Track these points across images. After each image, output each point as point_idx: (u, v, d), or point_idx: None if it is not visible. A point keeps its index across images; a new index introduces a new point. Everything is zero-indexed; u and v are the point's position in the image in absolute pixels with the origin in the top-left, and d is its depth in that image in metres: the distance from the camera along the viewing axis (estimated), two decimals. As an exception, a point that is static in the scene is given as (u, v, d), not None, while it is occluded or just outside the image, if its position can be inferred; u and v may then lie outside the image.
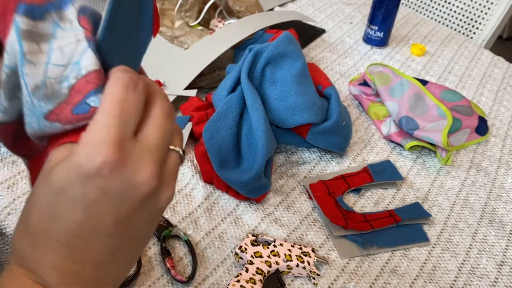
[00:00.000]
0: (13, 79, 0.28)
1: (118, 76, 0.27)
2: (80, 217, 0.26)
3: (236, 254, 0.57)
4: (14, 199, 0.62)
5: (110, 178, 0.26)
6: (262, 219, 0.63)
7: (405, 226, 0.64)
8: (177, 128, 0.31)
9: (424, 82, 0.85)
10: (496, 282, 0.59)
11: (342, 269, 0.58)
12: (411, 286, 0.57)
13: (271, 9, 1.12)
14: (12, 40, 0.27)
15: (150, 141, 0.27)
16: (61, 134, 0.29)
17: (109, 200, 0.26)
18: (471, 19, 1.26)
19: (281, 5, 1.15)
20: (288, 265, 0.56)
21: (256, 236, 0.58)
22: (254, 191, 0.63)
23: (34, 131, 0.29)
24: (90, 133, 0.26)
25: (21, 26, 0.27)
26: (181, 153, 0.30)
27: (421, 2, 1.35)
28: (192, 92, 0.79)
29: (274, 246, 0.57)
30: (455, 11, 1.29)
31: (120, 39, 0.30)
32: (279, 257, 0.56)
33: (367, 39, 1.03)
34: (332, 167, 0.72)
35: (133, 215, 0.27)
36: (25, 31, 0.27)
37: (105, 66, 0.29)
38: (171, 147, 0.29)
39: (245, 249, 0.56)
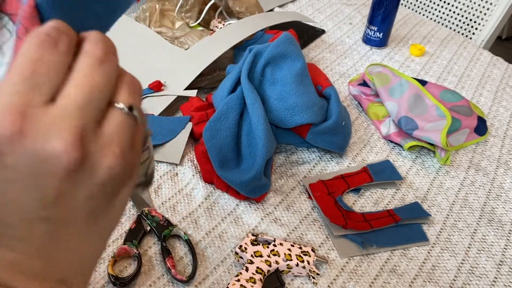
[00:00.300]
0: None
1: (35, 32, 0.23)
2: None
3: (236, 253, 0.57)
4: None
5: (12, 154, 0.21)
6: (262, 219, 0.63)
7: (404, 226, 0.64)
8: (124, 77, 0.25)
9: (423, 83, 0.85)
10: (495, 281, 0.59)
11: (342, 269, 0.58)
12: (410, 286, 0.58)
13: (271, 10, 1.12)
14: None
15: (68, 101, 0.22)
16: None
17: (21, 179, 0.22)
18: (470, 20, 1.26)
19: (281, 6, 1.15)
20: (288, 265, 0.56)
21: (256, 235, 0.59)
22: (254, 191, 0.64)
23: None
24: None
25: None
26: (127, 109, 0.24)
27: (420, 2, 1.35)
28: (192, 93, 0.79)
29: (274, 245, 0.58)
30: (454, 12, 1.29)
31: None
32: (279, 256, 0.56)
33: (367, 40, 1.03)
34: (331, 167, 0.73)
35: (62, 193, 0.23)
36: None
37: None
38: (115, 104, 0.24)
39: (245, 248, 0.57)
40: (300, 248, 0.58)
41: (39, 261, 0.24)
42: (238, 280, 0.53)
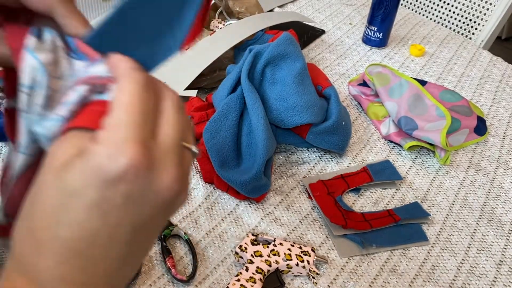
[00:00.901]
0: (32, 96, 0.27)
1: (132, 72, 0.26)
2: (97, 225, 0.23)
3: (236, 253, 0.57)
4: (16, 199, 0.62)
5: (134, 183, 0.23)
6: (262, 219, 0.63)
7: (404, 226, 0.64)
8: (189, 123, 0.28)
9: (423, 83, 0.85)
10: (495, 281, 0.59)
11: (342, 268, 0.59)
12: (410, 285, 0.58)
13: (271, 10, 1.13)
14: (27, 59, 0.27)
15: (168, 140, 0.25)
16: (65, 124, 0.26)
17: (131, 206, 0.24)
18: (470, 20, 1.26)
19: (281, 6, 1.15)
20: (288, 264, 0.56)
21: (256, 235, 0.59)
22: (254, 191, 0.64)
23: (46, 138, 0.27)
24: (110, 131, 0.23)
25: (32, 43, 0.27)
26: (195, 150, 0.27)
27: (420, 3, 1.35)
28: (193, 93, 0.79)
29: (274, 245, 0.58)
30: (454, 12, 1.29)
31: (128, 34, 0.28)
32: (279, 256, 0.56)
33: (367, 40, 1.03)
34: (331, 167, 0.73)
35: (151, 221, 0.25)
36: (35, 46, 0.27)
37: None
38: (185, 144, 0.26)
39: (245, 248, 0.57)
40: (300, 248, 0.58)
41: (101, 282, 0.25)
42: (238, 280, 0.53)
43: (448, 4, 1.30)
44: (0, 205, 0.30)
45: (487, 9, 1.23)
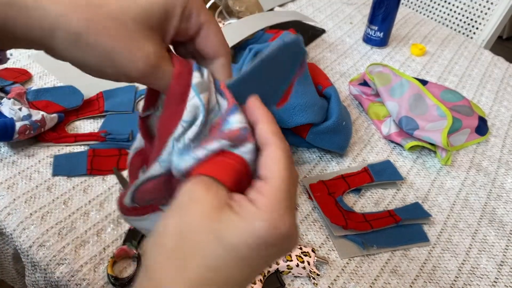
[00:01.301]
0: (187, 130, 0.31)
1: (278, 141, 0.29)
2: (244, 277, 0.27)
3: None
4: (14, 199, 0.62)
5: (282, 246, 0.27)
6: (262, 219, 0.63)
7: (405, 226, 0.64)
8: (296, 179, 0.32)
9: (424, 82, 0.85)
10: (496, 282, 0.59)
11: (342, 269, 0.58)
12: (411, 286, 0.57)
13: (271, 9, 1.12)
14: (191, 97, 0.31)
15: (295, 204, 0.30)
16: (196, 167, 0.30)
17: (270, 261, 0.28)
18: (471, 19, 1.26)
19: (281, 5, 1.15)
20: (288, 265, 0.56)
21: None
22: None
23: (178, 170, 0.31)
24: (272, 200, 0.27)
25: (196, 80, 0.31)
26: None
27: (421, 2, 1.35)
28: (192, 92, 0.79)
29: None
30: (455, 11, 1.29)
31: (253, 90, 0.33)
32: None
33: (367, 39, 1.03)
34: (332, 167, 0.72)
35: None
36: (199, 84, 0.31)
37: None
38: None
39: None
40: (300, 248, 0.57)
41: None
42: None
43: (449, 3, 1.29)
44: (131, 190, 0.33)
45: (488, 9, 1.22)
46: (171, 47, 0.34)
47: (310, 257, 0.57)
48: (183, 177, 0.30)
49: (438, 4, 1.31)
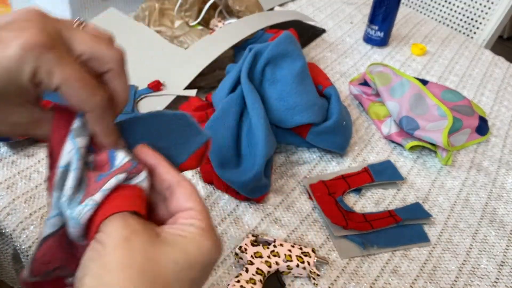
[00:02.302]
0: (65, 176, 0.31)
1: (185, 181, 0.33)
2: None
3: (236, 254, 0.57)
4: (14, 199, 0.62)
5: (216, 261, 0.32)
6: (262, 219, 0.63)
7: (405, 226, 0.64)
8: None
9: (424, 82, 0.85)
10: (496, 282, 0.59)
11: (342, 270, 0.58)
12: (411, 287, 0.57)
13: (271, 9, 1.12)
14: (68, 142, 0.32)
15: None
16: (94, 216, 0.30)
17: (205, 275, 0.32)
18: (472, 19, 1.25)
19: (281, 5, 1.14)
20: (288, 266, 0.56)
21: (256, 236, 0.58)
22: (254, 191, 0.63)
23: (74, 227, 0.30)
24: (209, 224, 0.32)
25: (76, 125, 0.32)
26: None
27: (422, 1, 1.35)
28: (192, 92, 0.79)
29: (274, 246, 0.57)
30: (455, 11, 1.28)
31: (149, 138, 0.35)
32: (279, 257, 0.56)
33: (368, 39, 1.03)
34: (332, 167, 0.72)
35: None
36: (77, 128, 0.32)
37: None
38: None
39: (245, 249, 0.56)
40: (301, 249, 0.57)
41: None
42: (238, 281, 0.53)
43: (449, 3, 1.29)
44: (27, 266, 0.32)
45: (489, 8, 1.22)
46: None
47: (310, 257, 0.56)
48: (83, 230, 0.30)
49: (439, 4, 1.31)
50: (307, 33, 1.04)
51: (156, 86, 0.79)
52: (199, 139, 0.37)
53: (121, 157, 0.32)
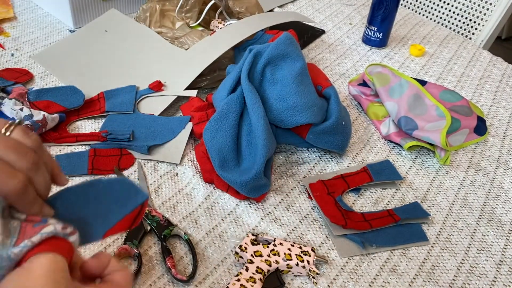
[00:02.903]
0: None
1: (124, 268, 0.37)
2: None
3: (236, 253, 0.57)
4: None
5: None
6: (262, 219, 0.64)
7: (404, 226, 0.64)
8: None
9: (423, 83, 0.85)
10: (494, 281, 0.59)
11: (342, 268, 0.59)
12: (410, 285, 0.58)
13: (271, 10, 1.13)
14: None
15: None
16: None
17: None
18: (470, 20, 1.26)
19: (281, 6, 1.15)
20: (287, 264, 0.56)
21: (256, 235, 0.59)
22: (254, 191, 0.64)
23: (5, 266, 0.32)
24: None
25: None
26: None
27: (420, 3, 1.36)
28: (193, 93, 0.79)
29: (274, 245, 0.58)
30: (454, 12, 1.29)
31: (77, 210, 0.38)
32: (279, 256, 0.56)
33: (367, 40, 1.03)
34: (331, 167, 0.73)
35: None
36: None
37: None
38: None
39: (245, 248, 0.57)
40: (300, 248, 0.58)
41: None
42: (238, 280, 0.53)
43: (448, 4, 1.30)
44: None
45: (487, 9, 1.23)
46: None
47: (309, 256, 0.57)
48: (13, 267, 0.32)
49: (437, 5, 1.32)
50: (306, 34, 1.05)
51: (157, 87, 0.80)
52: (135, 201, 0.38)
53: (53, 221, 0.34)
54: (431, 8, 1.33)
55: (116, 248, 0.57)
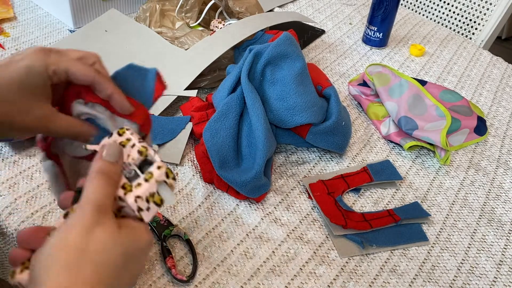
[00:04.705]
0: None
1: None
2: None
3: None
4: (16, 199, 0.62)
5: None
6: (262, 219, 0.63)
7: (404, 226, 0.64)
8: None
9: (423, 83, 0.85)
10: (495, 281, 0.59)
11: (342, 268, 0.59)
12: (410, 285, 0.58)
13: (271, 10, 1.13)
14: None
15: None
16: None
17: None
18: (470, 20, 1.26)
19: (281, 6, 1.15)
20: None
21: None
22: (254, 191, 0.64)
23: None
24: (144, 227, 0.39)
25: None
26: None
27: (420, 2, 1.35)
28: (193, 93, 0.79)
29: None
30: (454, 12, 1.29)
31: (125, 87, 0.44)
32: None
33: (367, 40, 1.03)
34: (331, 167, 0.73)
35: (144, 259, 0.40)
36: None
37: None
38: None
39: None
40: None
41: None
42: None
43: (448, 4, 1.30)
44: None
45: (487, 9, 1.23)
46: None
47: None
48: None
49: (437, 5, 1.32)
50: (306, 34, 1.05)
51: (156, 87, 0.80)
52: (151, 74, 0.45)
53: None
54: (431, 8, 1.33)
55: (116, 248, 0.56)
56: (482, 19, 1.24)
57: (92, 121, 0.45)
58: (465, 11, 1.27)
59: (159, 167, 0.39)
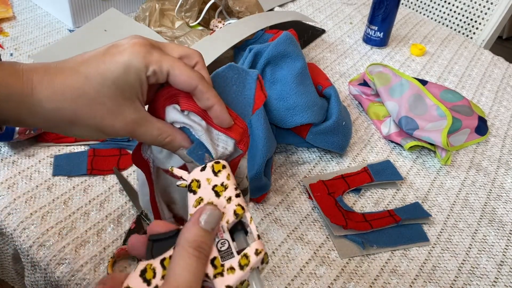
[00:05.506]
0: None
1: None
2: None
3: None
4: (15, 199, 0.62)
5: None
6: (262, 219, 0.63)
7: (405, 226, 0.64)
8: None
9: (424, 82, 0.85)
10: (496, 282, 0.59)
11: (342, 269, 0.58)
12: (411, 286, 0.57)
13: (271, 9, 1.12)
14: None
15: None
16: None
17: None
18: (471, 19, 1.26)
19: (281, 5, 1.15)
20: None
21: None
22: (254, 191, 0.63)
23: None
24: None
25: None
26: None
27: (421, 2, 1.35)
28: (192, 92, 0.79)
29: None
30: (455, 11, 1.29)
31: (223, 93, 0.40)
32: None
33: (367, 39, 1.03)
34: (332, 167, 0.72)
35: None
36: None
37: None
38: None
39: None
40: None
41: None
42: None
43: (449, 3, 1.29)
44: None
45: (488, 9, 1.22)
46: None
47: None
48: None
49: (438, 4, 1.32)
50: (307, 33, 1.05)
51: (156, 86, 0.79)
52: (251, 78, 0.40)
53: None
54: (432, 7, 1.33)
55: (116, 249, 0.56)
56: (483, 18, 1.24)
57: (185, 130, 0.39)
58: (466, 11, 1.26)
59: (257, 252, 0.33)
